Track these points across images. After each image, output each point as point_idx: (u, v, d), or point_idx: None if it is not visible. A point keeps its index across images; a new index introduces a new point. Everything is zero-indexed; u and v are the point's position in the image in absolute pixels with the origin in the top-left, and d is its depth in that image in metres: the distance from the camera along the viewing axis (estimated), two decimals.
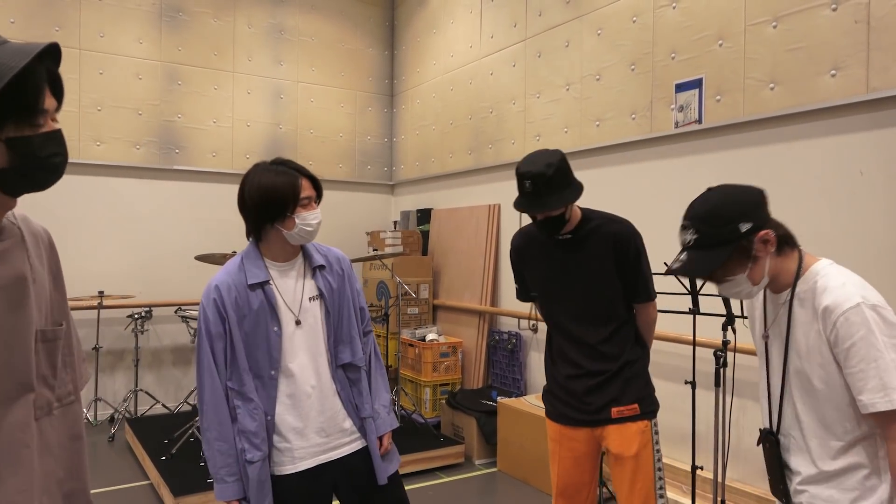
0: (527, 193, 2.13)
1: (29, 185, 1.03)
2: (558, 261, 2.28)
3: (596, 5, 4.32)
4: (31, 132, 0.99)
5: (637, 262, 2.23)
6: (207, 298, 1.89)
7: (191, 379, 5.69)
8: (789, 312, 1.56)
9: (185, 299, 5.61)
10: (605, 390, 2.22)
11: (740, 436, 3.38)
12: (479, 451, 4.50)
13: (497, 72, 5.26)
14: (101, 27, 5.37)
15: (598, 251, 2.22)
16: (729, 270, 1.53)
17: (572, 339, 2.28)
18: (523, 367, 4.90)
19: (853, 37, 2.95)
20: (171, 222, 5.66)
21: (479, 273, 5.33)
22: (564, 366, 2.31)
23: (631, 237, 2.23)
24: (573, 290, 2.26)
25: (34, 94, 0.98)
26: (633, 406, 2.22)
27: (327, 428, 1.95)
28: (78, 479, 1.18)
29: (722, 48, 3.51)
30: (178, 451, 4.16)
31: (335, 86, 6.46)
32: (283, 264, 1.96)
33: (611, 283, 2.23)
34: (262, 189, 1.87)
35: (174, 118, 5.67)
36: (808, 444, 1.53)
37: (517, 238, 2.43)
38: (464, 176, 5.73)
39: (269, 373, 1.90)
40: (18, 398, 1.05)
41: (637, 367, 2.26)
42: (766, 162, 3.32)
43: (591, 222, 2.26)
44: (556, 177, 2.09)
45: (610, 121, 4.21)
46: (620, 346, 2.24)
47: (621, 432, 2.21)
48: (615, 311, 2.25)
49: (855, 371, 1.42)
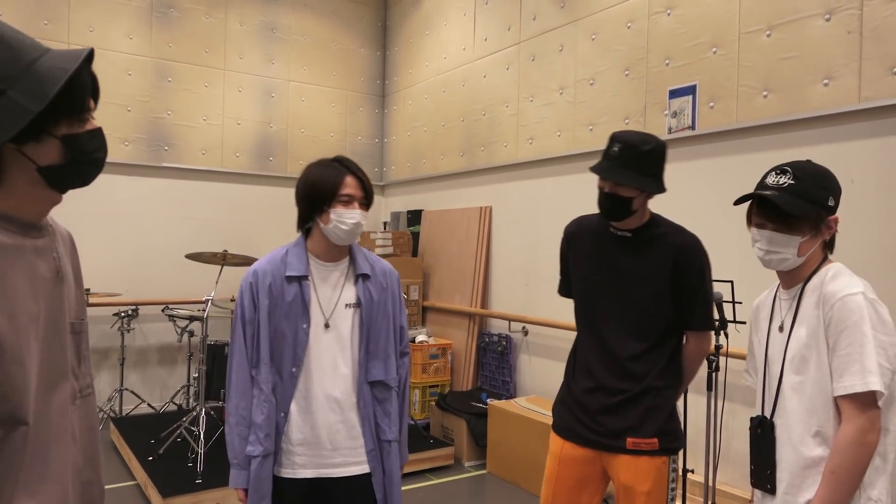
0: (610, 157, 1.95)
1: (77, 179, 1.13)
2: (609, 258, 2.07)
3: (590, 10, 4.34)
4: (80, 129, 1.09)
5: (699, 282, 2.01)
6: (245, 283, 1.89)
7: (176, 378, 5.64)
8: (798, 302, 1.61)
9: (173, 298, 5.55)
10: (622, 414, 1.99)
11: (730, 440, 3.42)
12: (468, 453, 4.50)
13: (490, 74, 5.27)
14: (91, 22, 5.30)
15: (657, 260, 2.01)
16: (796, 227, 1.58)
17: (599, 349, 2.06)
18: (513, 369, 4.91)
19: (846, 47, 2.99)
20: (158, 220, 5.61)
21: (470, 275, 5.33)
22: (583, 377, 2.09)
23: (697, 253, 2.01)
24: (616, 294, 2.04)
25: (82, 94, 1.08)
26: (651, 440, 1.96)
27: (336, 441, 1.88)
28: (94, 468, 1.25)
29: (716, 55, 3.54)
30: (165, 451, 4.12)
31: (326, 85, 6.43)
32: (327, 264, 1.92)
33: (659, 298, 2.00)
34: (308, 181, 1.89)
35: (164, 115, 5.62)
36: (792, 431, 1.57)
37: (572, 224, 2.23)
38: (455, 178, 5.73)
39: (290, 370, 1.86)
40: (60, 383, 1.14)
41: (664, 397, 2.01)
42: (759, 169, 3.36)
43: (657, 228, 2.05)
44: (646, 156, 1.93)
45: (603, 125, 4.23)
46: (649, 368, 2.00)
47: (636, 465, 1.97)
48: (654, 329, 2.01)
49: (842, 355, 1.48)
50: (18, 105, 1.00)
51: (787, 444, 1.59)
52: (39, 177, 1.09)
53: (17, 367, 1.05)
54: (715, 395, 2.88)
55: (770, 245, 1.61)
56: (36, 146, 1.06)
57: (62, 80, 1.01)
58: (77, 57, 1.05)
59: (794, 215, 1.56)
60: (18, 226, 1.10)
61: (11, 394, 1.05)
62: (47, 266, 1.15)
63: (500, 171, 5.18)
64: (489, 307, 5.23)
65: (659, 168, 1.99)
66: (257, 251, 5.97)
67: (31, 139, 1.05)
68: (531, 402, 4.37)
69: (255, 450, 1.84)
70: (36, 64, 1.03)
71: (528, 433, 4.00)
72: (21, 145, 1.05)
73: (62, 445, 1.14)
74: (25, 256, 1.10)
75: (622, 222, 2.06)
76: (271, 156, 6.13)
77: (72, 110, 1.07)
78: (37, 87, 1.01)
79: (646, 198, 2.02)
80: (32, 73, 1.02)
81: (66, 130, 1.07)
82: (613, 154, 1.95)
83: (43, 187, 1.10)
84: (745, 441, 3.35)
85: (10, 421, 1.05)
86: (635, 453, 1.97)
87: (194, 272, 5.65)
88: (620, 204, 1.97)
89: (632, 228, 2.06)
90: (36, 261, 1.12)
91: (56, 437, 1.13)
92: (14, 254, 1.08)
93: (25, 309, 1.08)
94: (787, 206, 1.55)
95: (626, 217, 2.01)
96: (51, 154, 1.07)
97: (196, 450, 3.92)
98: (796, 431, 1.57)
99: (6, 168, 1.07)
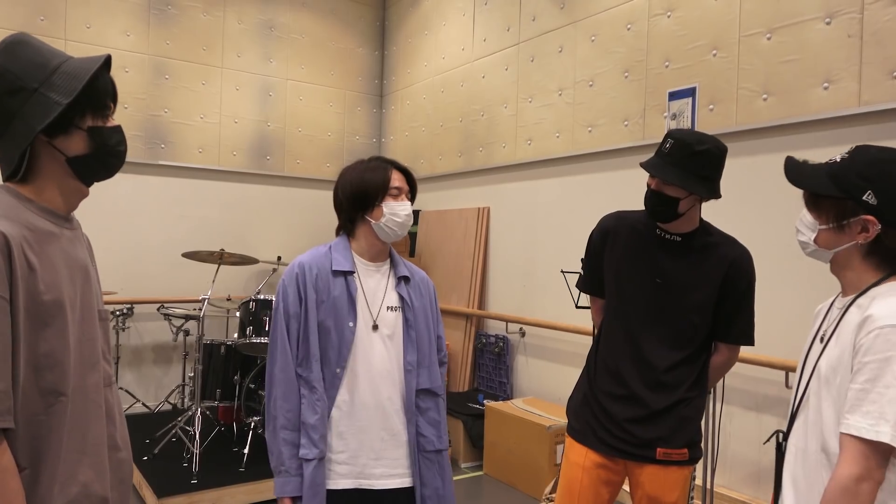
0: (661, 153, 1.89)
1: (102, 170, 1.27)
2: (653, 260, 1.98)
3: (590, 12, 4.34)
4: (103, 123, 1.25)
5: (746, 297, 1.96)
6: (290, 276, 1.80)
7: (171, 378, 5.61)
8: (842, 315, 1.40)
9: (168, 297, 5.52)
10: (654, 425, 1.94)
11: (727, 442, 3.41)
12: (465, 454, 4.49)
13: (489, 75, 5.26)
14: (88, 18, 5.27)
15: (707, 270, 1.94)
16: (819, 210, 1.41)
17: (632, 355, 1.98)
18: (510, 370, 4.90)
19: (846, 51, 2.99)
20: (154, 218, 5.57)
21: (468, 275, 5.32)
22: (608, 381, 2.01)
23: (749, 268, 1.97)
24: (659, 301, 1.96)
25: (104, 91, 1.24)
26: (682, 451, 1.93)
27: (379, 451, 1.78)
28: (128, 449, 1.37)
29: (716, 58, 3.54)
30: (160, 451, 4.09)
31: (324, 84, 6.41)
32: (370, 263, 1.88)
33: (704, 309, 1.94)
34: (354, 180, 1.84)
35: (161, 113, 5.59)
36: (804, 455, 1.42)
37: (610, 219, 2.11)
38: (453, 178, 5.72)
39: (334, 370, 1.77)
40: (94, 365, 1.26)
41: (694, 407, 1.98)
42: (758, 171, 3.36)
43: (710, 237, 1.98)
44: (699, 156, 1.84)
45: (602, 127, 4.23)
46: (683, 379, 1.95)
47: (665, 475, 1.94)
48: (693, 340, 1.96)
49: (858, 388, 1.28)
50: (49, 100, 1.17)
51: (794, 465, 1.44)
52: (69, 168, 1.23)
53: (62, 343, 1.17)
54: (713, 397, 2.87)
55: (798, 222, 1.46)
56: (64, 138, 1.21)
57: (86, 77, 1.19)
58: (97, 60, 1.22)
59: (812, 191, 1.39)
60: (51, 215, 1.23)
61: (54, 365, 1.16)
62: (81, 254, 1.27)
63: (498, 171, 5.18)
64: (486, 308, 5.22)
65: (713, 171, 1.88)
66: (253, 250, 5.95)
67: (60, 132, 1.20)
68: (528, 403, 4.36)
69: (310, 453, 1.71)
70: (62, 66, 1.20)
71: (526, 435, 3.99)
72: (52, 138, 1.20)
73: (98, 421, 1.25)
74: (63, 244, 1.23)
75: (670, 224, 1.97)
76: (268, 154, 6.11)
77: (95, 105, 1.23)
78: (65, 84, 1.17)
79: (695, 200, 1.92)
80: (60, 73, 1.19)
81: (90, 123, 1.23)
82: (664, 151, 1.88)
83: (72, 179, 1.25)
84: (743, 444, 3.35)
85: (53, 392, 1.17)
86: (665, 464, 1.94)
87: (190, 271, 5.62)
88: (666, 204, 1.89)
89: (682, 233, 1.97)
90: (71, 249, 1.25)
91: (93, 413, 1.24)
92: (55, 240, 1.21)
93: (67, 291, 1.20)
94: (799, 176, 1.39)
95: (672, 219, 1.92)
96: (78, 145, 1.23)
97: (191, 450, 3.90)
98: (808, 458, 1.40)
99: (40, 162, 1.21)
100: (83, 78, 1.18)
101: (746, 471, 3.33)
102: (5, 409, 1.09)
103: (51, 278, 1.16)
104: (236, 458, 4.01)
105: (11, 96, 1.16)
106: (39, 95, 1.16)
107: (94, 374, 1.25)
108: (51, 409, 1.16)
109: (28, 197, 1.21)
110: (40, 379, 1.15)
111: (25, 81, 1.16)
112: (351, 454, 1.77)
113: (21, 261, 1.12)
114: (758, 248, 3.32)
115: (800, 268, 3.14)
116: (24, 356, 1.12)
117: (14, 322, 1.11)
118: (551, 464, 3.83)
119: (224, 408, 4.48)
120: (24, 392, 1.13)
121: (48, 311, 1.15)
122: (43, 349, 1.15)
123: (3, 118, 1.17)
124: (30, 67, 1.17)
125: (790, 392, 1.52)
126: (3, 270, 1.09)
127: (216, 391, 4.33)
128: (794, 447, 1.46)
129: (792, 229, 3.19)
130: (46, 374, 1.15)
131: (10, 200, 1.18)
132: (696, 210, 1.96)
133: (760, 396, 3.29)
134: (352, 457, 1.77)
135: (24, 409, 1.13)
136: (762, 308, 3.27)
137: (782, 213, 3.24)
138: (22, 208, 1.18)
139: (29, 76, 1.16)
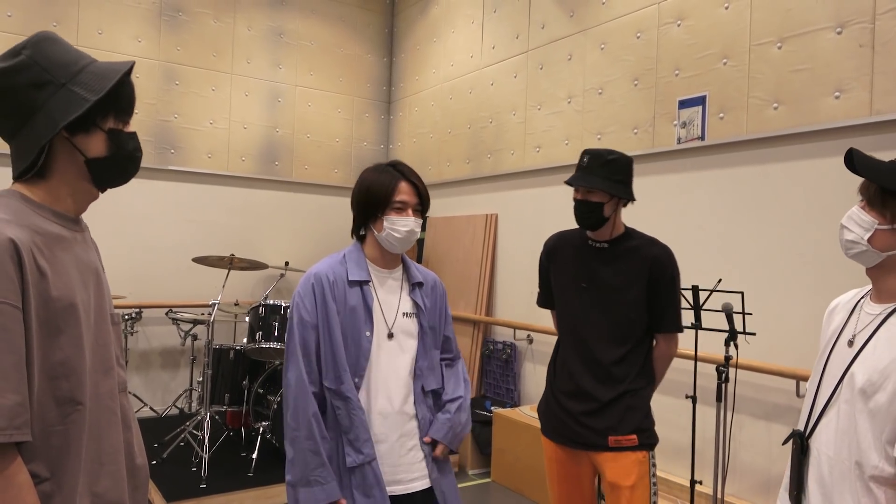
0: (580, 167, 2.14)
1: (119, 174, 1.25)
2: (588, 269, 2.22)
3: (599, 20, 4.36)
4: (123, 127, 1.24)
5: (670, 289, 2.19)
6: (305, 286, 1.79)
7: (179, 382, 5.62)
8: (881, 322, 1.37)
9: (177, 301, 5.54)
10: (604, 415, 2.15)
11: (736, 450, 3.41)
12: (472, 460, 4.48)
13: (498, 82, 5.28)
14: (100, 24, 5.31)
15: (633, 269, 2.17)
16: (882, 208, 1.35)
17: (582, 355, 2.21)
18: (518, 377, 4.90)
19: (857, 60, 3.00)
20: (163, 223, 5.60)
21: (475, 282, 5.33)
22: (566, 381, 2.24)
23: (669, 264, 2.19)
24: (597, 303, 2.20)
25: (129, 96, 1.24)
26: (631, 437, 2.14)
27: (397, 457, 1.79)
28: (143, 455, 1.35)
29: (726, 66, 3.56)
30: (168, 455, 4.10)
31: (333, 91, 6.44)
32: (383, 270, 1.88)
33: (637, 305, 2.17)
34: (363, 187, 1.84)
35: (170, 118, 5.62)
36: (834, 461, 1.39)
37: (552, 239, 2.40)
38: (461, 185, 5.74)
39: (353, 379, 1.76)
40: (109, 371, 1.24)
41: (640, 397, 2.18)
42: (768, 180, 3.37)
43: (632, 240, 2.22)
44: (612, 164, 2.11)
45: (611, 134, 4.24)
46: (628, 371, 2.17)
47: (618, 461, 2.14)
48: (633, 333, 2.18)
49: None
50: (78, 96, 1.15)
51: (826, 475, 1.41)
52: (86, 169, 1.21)
53: (76, 350, 1.15)
54: (724, 406, 2.87)
55: (847, 219, 1.40)
56: (85, 137, 1.19)
57: (115, 78, 1.18)
58: (124, 65, 1.21)
59: (886, 189, 1.32)
60: (61, 218, 1.21)
61: (70, 373, 1.14)
62: (92, 258, 1.26)
63: (506, 178, 5.19)
64: (494, 314, 5.22)
65: (626, 176, 2.16)
66: (261, 255, 5.97)
67: (82, 130, 1.18)
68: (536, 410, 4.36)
69: (356, 459, 1.71)
70: (90, 66, 1.19)
71: (533, 442, 3.98)
72: (73, 135, 1.18)
73: (114, 427, 1.23)
74: (74, 248, 1.21)
75: (597, 232, 2.21)
76: (277, 160, 6.14)
77: (119, 108, 1.22)
78: (94, 82, 1.17)
79: (616, 204, 2.17)
80: (89, 71, 1.18)
81: (112, 125, 1.21)
82: (583, 164, 2.15)
83: (86, 182, 1.23)
84: (752, 453, 3.35)
85: (70, 402, 1.14)
86: (617, 450, 2.13)
87: (198, 275, 5.64)
88: (592, 209, 2.13)
89: (608, 240, 2.21)
90: (83, 252, 1.23)
91: (108, 420, 1.22)
92: (66, 244, 1.19)
93: (80, 295, 1.18)
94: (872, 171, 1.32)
95: (599, 224, 2.15)
96: (98, 146, 1.21)
97: (200, 454, 3.90)
98: (840, 468, 1.36)
99: (57, 160, 1.19)
100: (112, 78, 1.17)
101: (756, 479, 3.32)
102: (23, 422, 1.06)
103: (63, 283, 1.14)
104: (245, 463, 4.01)
105: (38, 89, 1.14)
106: (67, 91, 1.15)
107: (108, 381, 1.23)
108: (68, 419, 1.13)
109: (37, 200, 1.18)
110: (56, 388, 1.12)
111: (54, 75, 1.15)
112: None
113: (32, 266, 1.09)
114: (768, 255, 3.32)
115: (809, 276, 3.14)
116: (38, 365, 1.10)
117: (27, 330, 1.08)
118: None
119: (233, 412, 4.49)
120: (40, 402, 1.10)
121: (62, 316, 1.12)
122: (58, 357, 1.12)
123: (25, 110, 1.15)
124: (59, 63, 1.16)
125: (800, 401, 1.50)
126: (14, 278, 1.06)
127: (225, 396, 4.34)
128: (821, 453, 1.44)
129: (801, 237, 3.19)
130: (62, 382, 1.12)
131: (18, 205, 1.15)
132: (618, 215, 2.21)
133: (770, 405, 3.29)
134: None
135: (40, 420, 1.10)
136: (771, 317, 3.27)
137: (792, 221, 3.24)
138: (31, 212, 1.15)
139: (58, 70, 1.15)
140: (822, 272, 3.08)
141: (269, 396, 4.15)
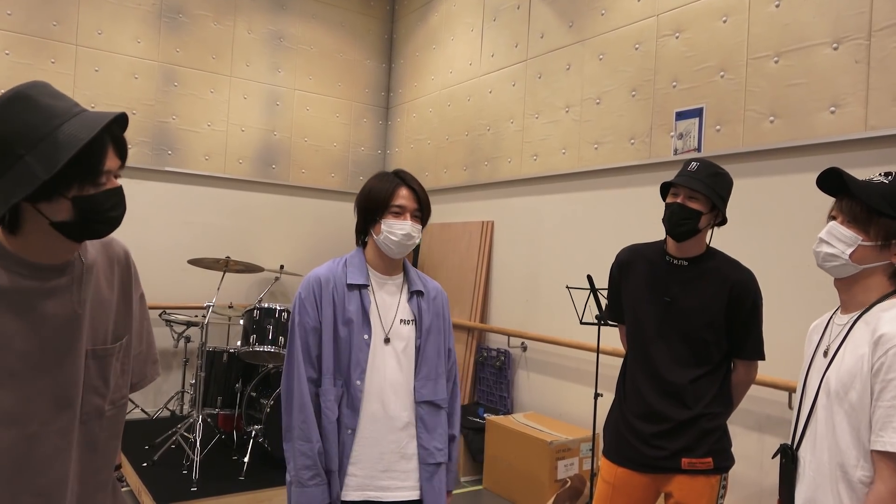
0: (687, 172, 2.05)
1: (89, 234, 1.17)
2: (665, 285, 2.13)
3: (598, 31, 4.39)
4: (94, 190, 1.13)
5: (752, 316, 2.10)
6: (306, 289, 1.81)
7: (171, 384, 5.59)
8: (848, 330, 1.46)
9: (171, 303, 5.52)
10: (677, 437, 2.05)
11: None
12: (465, 468, 4.48)
13: (496, 90, 5.30)
14: (100, 24, 5.31)
15: (712, 291, 2.07)
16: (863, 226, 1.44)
17: (654, 375, 2.11)
18: (511, 384, 4.90)
19: (853, 75, 3.03)
20: (159, 224, 5.59)
21: (470, 289, 5.33)
22: (636, 402, 2.14)
23: (752, 289, 2.09)
24: (671, 323, 2.10)
25: (98, 159, 1.12)
26: (706, 460, 2.04)
27: (388, 463, 1.80)
28: (110, 470, 1.34)
29: (723, 79, 3.58)
30: (159, 457, 4.08)
31: (331, 95, 6.46)
32: (383, 276, 1.89)
33: (713, 329, 2.07)
34: (365, 192, 1.87)
35: (168, 119, 5.62)
36: (818, 468, 1.44)
37: (625, 252, 2.30)
38: (458, 191, 5.75)
39: (355, 382, 1.78)
40: (64, 409, 1.21)
41: (717, 421, 2.09)
42: (764, 193, 3.39)
43: (714, 260, 2.12)
44: (720, 178, 2.05)
45: (608, 144, 4.26)
46: (703, 394, 2.07)
47: (691, 484, 2.05)
48: (709, 357, 2.09)
49: (885, 405, 1.32)
50: (30, 170, 1.06)
51: (809, 480, 1.46)
52: (54, 230, 1.14)
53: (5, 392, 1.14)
54: None
55: (826, 234, 1.49)
56: (48, 204, 1.11)
57: (75, 149, 1.06)
58: (99, 123, 1.09)
59: (873, 208, 1.42)
60: (30, 269, 1.16)
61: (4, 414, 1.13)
62: (58, 304, 1.19)
63: (503, 186, 5.20)
64: (488, 322, 5.22)
65: (727, 193, 2.08)
66: (256, 258, 5.96)
67: (44, 199, 1.10)
68: (529, 418, 4.36)
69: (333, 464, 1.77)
70: (59, 130, 1.08)
71: (526, 450, 3.98)
72: (35, 203, 1.10)
73: (62, 460, 1.21)
74: (28, 298, 1.15)
75: (681, 247, 2.12)
76: (274, 163, 6.14)
77: (83, 176, 1.11)
78: (52, 154, 1.06)
79: (712, 219, 2.09)
80: (51, 139, 1.07)
81: (77, 192, 1.11)
82: (691, 169, 2.06)
83: (59, 238, 1.16)
84: (745, 464, 3.35)
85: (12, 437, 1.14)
86: (691, 473, 2.04)
87: (193, 277, 5.63)
88: (689, 216, 2.03)
89: (689, 257, 2.12)
90: (42, 301, 1.17)
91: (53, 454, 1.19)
92: (10, 297, 1.14)
93: (13, 346, 1.14)
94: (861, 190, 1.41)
95: (691, 234, 2.06)
96: (62, 212, 1.12)
97: (191, 457, 3.89)
98: (822, 471, 1.43)
99: (24, 218, 1.13)
100: (72, 148, 1.06)
101: (749, 491, 3.33)
102: None
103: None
104: (236, 467, 4.00)
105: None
106: (23, 164, 1.06)
107: (62, 418, 1.20)
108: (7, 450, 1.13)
109: (11, 250, 1.14)
110: None
111: (12, 145, 1.06)
112: (361, 466, 1.79)
113: None
114: (761, 268, 3.34)
115: (803, 288, 3.16)
116: None
117: None
118: (552, 479, 3.82)
119: (225, 415, 4.47)
120: None
121: None
122: None
123: None
124: (21, 129, 1.06)
125: (793, 413, 1.55)
126: None
127: (217, 398, 4.32)
128: (805, 461, 1.50)
129: (796, 250, 3.21)
130: None
131: None
132: (706, 232, 2.12)
133: (763, 417, 3.30)
134: (361, 469, 1.79)
135: None
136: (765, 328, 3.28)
137: (786, 234, 3.27)
138: None
139: (17, 139, 1.06)
140: (815, 285, 3.10)
141: (261, 400, 4.14)
